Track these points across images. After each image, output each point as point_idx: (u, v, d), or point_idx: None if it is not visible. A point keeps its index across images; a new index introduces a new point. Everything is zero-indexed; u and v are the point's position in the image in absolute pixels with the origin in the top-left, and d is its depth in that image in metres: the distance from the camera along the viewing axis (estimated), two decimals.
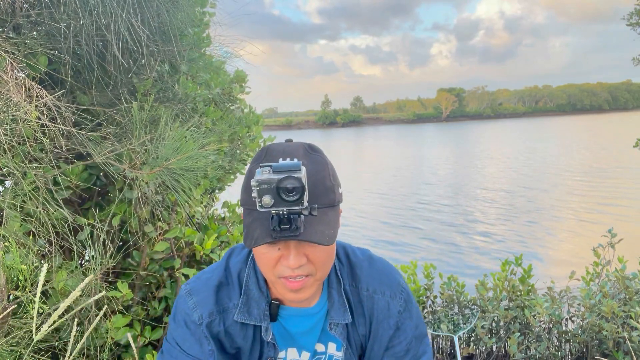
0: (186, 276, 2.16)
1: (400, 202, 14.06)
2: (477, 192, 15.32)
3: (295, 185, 0.70)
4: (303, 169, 0.73)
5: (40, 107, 1.47)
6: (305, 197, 0.71)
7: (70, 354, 1.12)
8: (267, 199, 0.70)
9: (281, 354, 1.00)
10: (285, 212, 0.72)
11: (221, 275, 0.98)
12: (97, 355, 1.68)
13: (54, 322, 0.94)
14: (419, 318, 1.04)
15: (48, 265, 1.61)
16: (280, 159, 0.79)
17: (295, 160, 0.77)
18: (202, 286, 0.97)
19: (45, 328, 0.92)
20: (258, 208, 0.71)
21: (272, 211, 0.72)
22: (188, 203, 2.16)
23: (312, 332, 1.00)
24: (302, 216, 0.74)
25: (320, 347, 1.02)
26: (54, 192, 1.57)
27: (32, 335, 1.38)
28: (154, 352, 1.89)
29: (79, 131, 1.60)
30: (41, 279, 1.00)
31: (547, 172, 19.04)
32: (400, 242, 9.57)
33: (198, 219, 2.54)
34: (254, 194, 0.71)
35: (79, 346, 1.14)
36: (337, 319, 0.97)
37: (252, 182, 0.71)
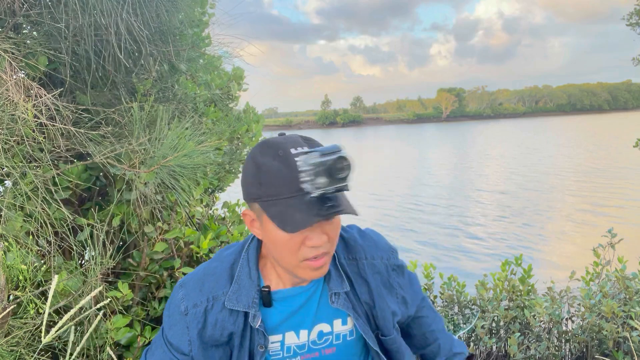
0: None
1: (400, 204, 14.06)
2: (477, 193, 15.32)
3: (347, 163, 0.77)
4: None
5: (39, 107, 1.47)
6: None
7: (71, 355, 1.12)
8: (322, 180, 0.76)
9: (277, 338, 1.00)
10: (332, 191, 0.77)
11: (210, 267, 1.03)
12: (97, 356, 1.68)
13: (60, 327, 0.95)
14: (410, 273, 1.15)
15: (47, 266, 1.61)
16: (292, 149, 0.84)
17: (305, 148, 0.84)
18: (190, 278, 1.02)
19: (52, 333, 0.92)
20: (313, 191, 0.76)
21: (320, 192, 0.77)
22: (188, 203, 2.16)
23: (307, 305, 1.01)
24: (339, 193, 0.81)
25: (326, 328, 1.03)
26: (54, 192, 1.57)
27: (33, 335, 1.38)
28: None
29: (78, 130, 1.60)
30: (52, 289, 1.00)
31: (547, 172, 19.05)
32: (399, 243, 9.57)
33: (198, 219, 2.54)
34: (306, 178, 0.77)
35: (78, 348, 1.14)
36: (336, 289, 1.00)
37: (305, 167, 0.76)
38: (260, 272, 1.01)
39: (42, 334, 0.96)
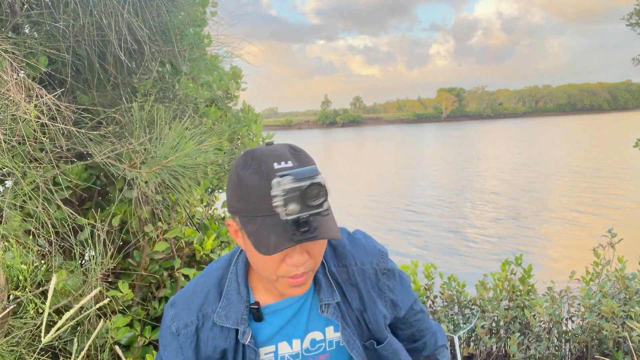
0: (186, 276, 2.16)
1: (399, 205, 14.06)
2: (476, 194, 15.33)
3: (320, 191, 0.73)
4: (320, 172, 0.76)
5: (40, 107, 1.47)
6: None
7: (76, 356, 1.12)
8: (294, 207, 0.72)
9: (270, 349, 1.00)
10: (306, 216, 0.74)
11: (198, 283, 1.01)
12: (98, 355, 1.68)
13: (59, 328, 0.95)
14: (401, 275, 1.13)
15: (48, 265, 1.61)
16: (275, 164, 0.81)
17: (290, 163, 0.81)
18: (179, 297, 1.00)
19: (51, 333, 0.93)
20: (284, 216, 0.73)
21: (291, 218, 0.74)
22: (188, 203, 2.16)
23: (298, 316, 1.01)
24: (319, 216, 0.77)
25: (318, 335, 1.03)
26: (54, 192, 1.57)
27: (33, 335, 1.38)
28: (154, 352, 1.89)
29: (79, 130, 1.60)
30: (51, 289, 1.00)
31: (547, 172, 19.05)
32: (399, 244, 9.57)
33: (198, 218, 2.54)
34: (278, 203, 0.73)
35: (82, 352, 1.14)
36: (326, 300, 1.00)
37: (276, 192, 0.73)
38: (249, 286, 1.00)
39: (42, 334, 0.96)
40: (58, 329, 0.95)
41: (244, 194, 0.82)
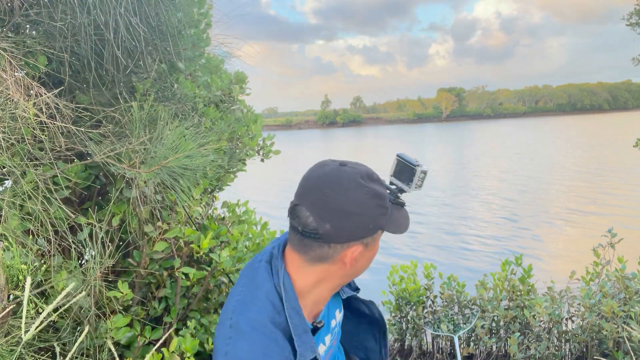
0: (186, 275, 2.16)
1: None
2: (476, 194, 15.33)
3: None
4: None
5: (39, 106, 1.47)
6: None
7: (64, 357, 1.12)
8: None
9: None
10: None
11: (257, 340, 0.88)
12: (97, 355, 1.68)
13: (42, 321, 0.94)
14: None
15: (47, 265, 1.61)
16: (373, 170, 0.98)
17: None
18: None
19: (35, 326, 0.92)
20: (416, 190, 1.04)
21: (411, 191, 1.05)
22: (188, 203, 2.16)
23: (326, 313, 1.07)
24: None
25: (333, 322, 1.11)
26: (54, 191, 1.57)
27: (32, 334, 1.38)
28: (154, 352, 1.89)
29: (78, 129, 1.60)
30: (27, 289, 1.00)
31: (547, 172, 19.04)
32: (398, 244, 9.57)
33: (197, 218, 2.54)
34: (421, 183, 1.04)
35: (75, 346, 1.14)
36: None
37: (422, 175, 1.03)
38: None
39: (22, 331, 0.95)
40: (40, 323, 0.95)
41: (387, 203, 0.95)
